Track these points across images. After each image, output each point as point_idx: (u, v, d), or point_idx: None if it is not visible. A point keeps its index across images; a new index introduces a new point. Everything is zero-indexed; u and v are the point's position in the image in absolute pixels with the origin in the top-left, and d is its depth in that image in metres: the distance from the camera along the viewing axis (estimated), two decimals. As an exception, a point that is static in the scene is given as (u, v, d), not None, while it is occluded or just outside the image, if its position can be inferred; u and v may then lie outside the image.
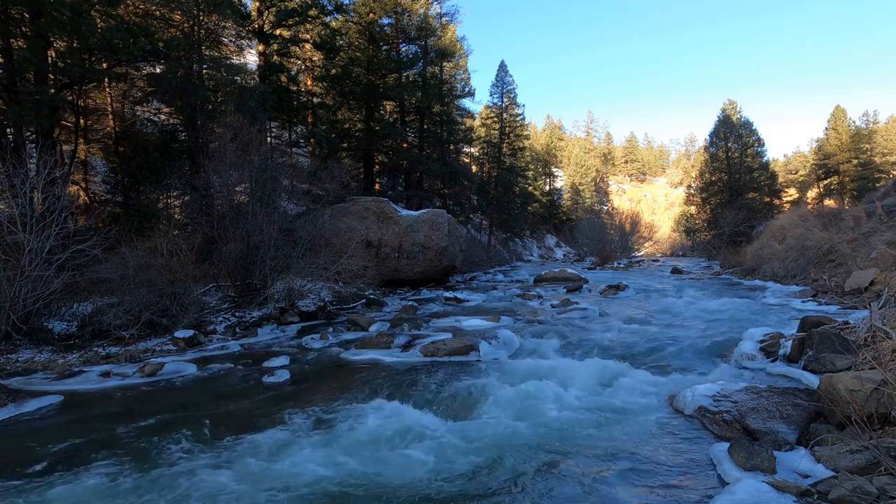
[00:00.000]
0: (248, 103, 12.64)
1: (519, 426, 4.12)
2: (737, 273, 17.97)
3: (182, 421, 4.42)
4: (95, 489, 3.21)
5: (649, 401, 4.64)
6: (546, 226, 49.70)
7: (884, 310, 5.36)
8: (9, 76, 9.84)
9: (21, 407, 4.83)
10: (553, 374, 5.39)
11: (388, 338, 7.34)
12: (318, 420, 4.34)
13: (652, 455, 3.54)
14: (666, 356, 6.39)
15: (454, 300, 12.33)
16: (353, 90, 20.82)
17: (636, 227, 40.77)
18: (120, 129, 13.59)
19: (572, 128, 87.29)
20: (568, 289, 14.70)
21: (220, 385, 5.57)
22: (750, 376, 5.23)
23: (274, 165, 12.18)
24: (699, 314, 9.39)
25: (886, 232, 12.64)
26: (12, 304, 6.47)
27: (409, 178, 23.52)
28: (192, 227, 11.18)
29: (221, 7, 13.17)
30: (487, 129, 33.86)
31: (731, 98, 36.51)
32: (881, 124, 46.73)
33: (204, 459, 3.61)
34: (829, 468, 3.08)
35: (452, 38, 26.95)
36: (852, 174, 42.02)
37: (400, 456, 3.59)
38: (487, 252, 29.01)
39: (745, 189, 30.14)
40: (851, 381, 3.59)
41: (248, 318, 9.00)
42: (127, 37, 10.18)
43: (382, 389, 5.24)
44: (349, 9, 20.19)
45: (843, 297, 9.68)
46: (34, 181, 7.24)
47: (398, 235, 14.83)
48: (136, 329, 7.49)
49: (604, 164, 77.97)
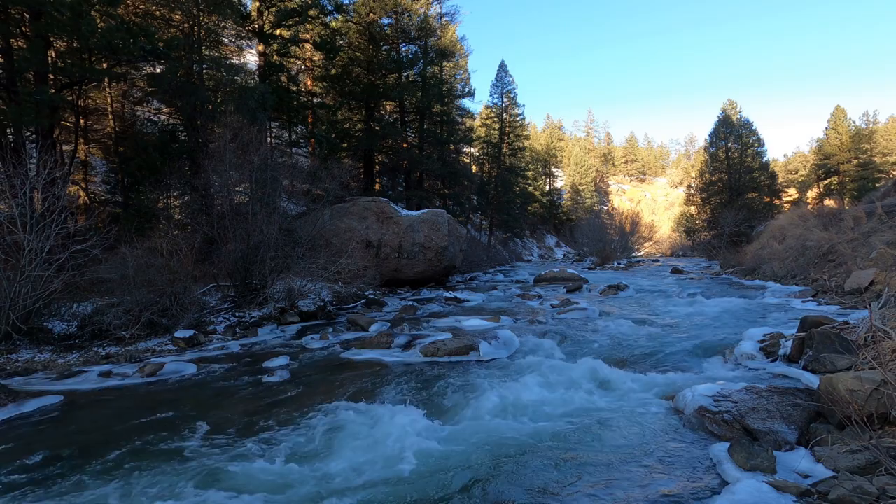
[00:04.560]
0: (248, 103, 12.64)
1: (518, 426, 4.12)
2: (737, 273, 17.95)
3: (182, 421, 4.42)
4: (95, 489, 3.21)
5: (649, 401, 4.64)
6: (546, 226, 49.69)
7: (884, 310, 5.36)
8: (9, 76, 9.84)
9: (21, 407, 4.84)
10: (553, 374, 5.40)
11: (388, 338, 7.34)
12: (318, 420, 4.34)
13: (652, 455, 3.54)
14: (666, 356, 6.39)
15: (454, 300, 12.33)
16: (353, 90, 20.83)
17: (636, 227, 40.73)
18: (120, 129, 13.60)
19: (572, 128, 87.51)
20: (568, 289, 14.70)
21: (219, 385, 5.58)
22: (750, 376, 5.22)
23: (274, 165, 12.16)
24: (699, 314, 9.38)
25: (886, 232, 12.64)
26: (12, 304, 6.47)
27: (409, 178, 23.52)
28: (192, 227, 11.17)
29: (221, 7, 13.18)
30: (487, 129, 33.88)
31: (731, 98, 36.57)
32: (881, 124, 46.79)
33: (203, 459, 3.61)
34: (829, 468, 3.08)
35: (452, 38, 26.94)
36: (852, 174, 42.05)
37: (400, 456, 3.59)
38: (487, 252, 29.00)
39: (745, 189, 30.16)
40: (851, 381, 3.59)
41: (248, 318, 9.00)
42: (127, 37, 10.17)
43: (382, 389, 5.25)
44: (349, 9, 20.20)
45: (843, 297, 9.68)
46: (34, 181, 7.24)
47: (398, 235, 14.83)
48: (136, 329, 7.49)
49: (604, 164, 77.96)
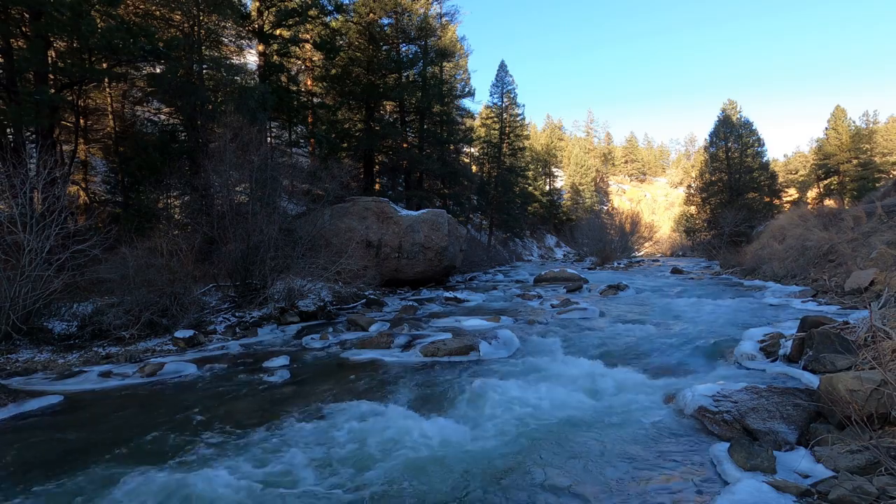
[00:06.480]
0: (248, 103, 12.64)
1: (518, 426, 4.12)
2: (737, 273, 17.95)
3: (182, 421, 4.42)
4: (95, 489, 3.21)
5: (649, 401, 4.64)
6: (546, 226, 49.69)
7: (884, 310, 5.36)
8: (9, 76, 9.84)
9: (21, 407, 4.83)
10: (553, 374, 5.40)
11: (388, 338, 7.34)
12: (318, 420, 4.34)
13: (651, 455, 3.54)
14: (666, 356, 6.39)
15: (454, 300, 12.33)
16: (353, 90, 20.83)
17: (636, 227, 40.74)
18: (120, 129, 13.60)
19: (572, 128, 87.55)
20: (568, 289, 14.70)
21: (219, 385, 5.57)
22: (750, 376, 5.22)
23: (274, 165, 12.16)
24: (699, 314, 9.38)
25: (886, 232, 12.64)
26: (12, 304, 6.47)
27: (409, 178, 23.52)
28: (192, 227, 11.17)
29: (221, 7, 13.19)
30: (487, 129, 33.87)
31: (731, 98, 36.60)
32: (881, 124, 46.80)
33: (203, 460, 3.61)
34: (829, 468, 3.08)
35: (452, 38, 26.94)
36: (852, 174, 42.06)
37: (399, 456, 3.59)
38: (487, 252, 29.00)
39: (745, 189, 30.16)
40: (851, 381, 3.59)
41: (248, 318, 9.00)
42: (127, 37, 10.17)
43: (382, 389, 5.24)
44: (349, 9, 20.20)
45: (843, 297, 9.67)
46: (34, 181, 7.24)
47: (398, 235, 14.82)
48: (136, 329, 7.48)
49: (604, 164, 77.96)
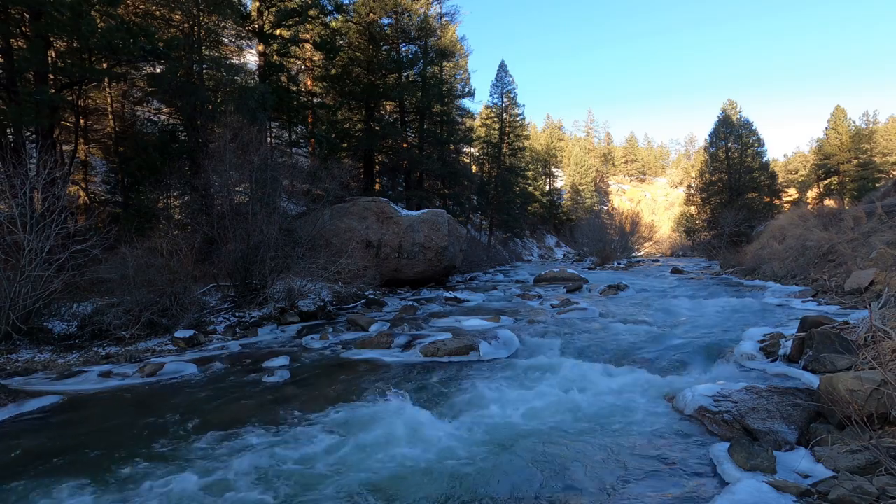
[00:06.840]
0: (248, 103, 12.64)
1: (518, 426, 4.12)
2: (737, 273, 17.94)
3: (182, 421, 4.42)
4: (95, 490, 3.21)
5: (649, 400, 4.64)
6: (546, 226, 49.69)
7: (884, 310, 5.36)
8: (9, 76, 9.84)
9: (21, 407, 4.84)
10: (553, 374, 5.40)
11: (388, 338, 7.34)
12: (318, 420, 4.35)
13: (651, 455, 3.54)
14: (666, 356, 6.38)
15: (454, 300, 12.33)
16: (353, 90, 20.83)
17: (636, 227, 40.73)
18: (120, 129, 13.60)
19: (572, 128, 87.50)
20: (568, 289, 14.69)
21: (220, 385, 5.57)
22: (750, 376, 5.22)
23: (274, 165, 12.16)
24: (699, 314, 9.38)
25: (886, 232, 12.64)
26: (12, 304, 6.47)
27: (409, 178, 23.52)
28: (192, 227, 11.17)
29: (221, 7, 13.19)
30: (487, 129, 33.88)
31: (731, 98, 36.59)
32: (881, 124, 46.81)
33: (203, 459, 3.61)
34: (829, 468, 3.08)
35: (452, 38, 26.94)
36: (852, 174, 42.06)
37: (399, 455, 3.59)
38: (487, 252, 29.00)
39: (745, 189, 30.15)
40: (851, 381, 3.59)
41: (248, 318, 9.00)
42: (127, 37, 10.17)
43: (382, 389, 5.24)
44: (349, 9, 20.20)
45: (843, 297, 9.67)
46: (34, 181, 7.24)
47: (398, 235, 14.82)
48: (136, 329, 7.49)
49: (604, 164, 77.96)
